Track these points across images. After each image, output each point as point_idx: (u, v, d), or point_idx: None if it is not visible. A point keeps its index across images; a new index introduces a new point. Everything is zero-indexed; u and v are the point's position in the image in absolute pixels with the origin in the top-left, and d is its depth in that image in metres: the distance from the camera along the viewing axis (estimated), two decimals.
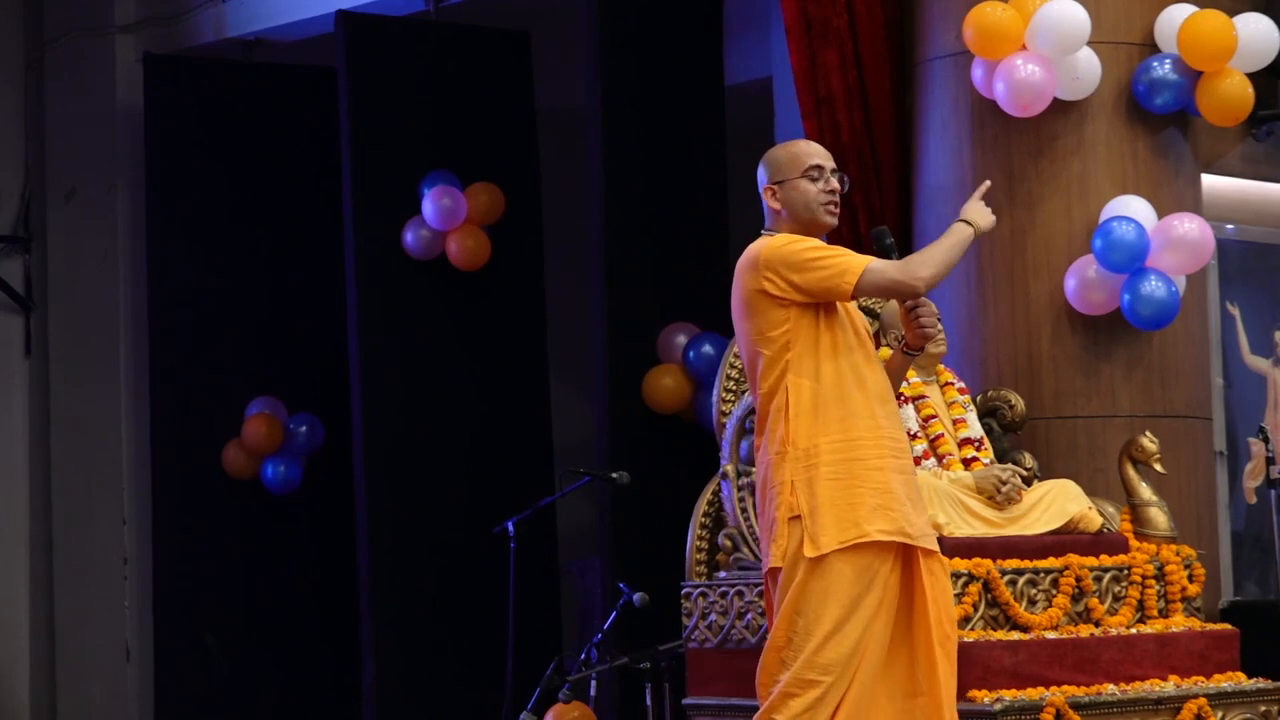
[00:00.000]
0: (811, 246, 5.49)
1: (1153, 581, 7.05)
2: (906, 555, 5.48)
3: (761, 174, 5.65)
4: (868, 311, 7.55)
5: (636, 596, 7.93)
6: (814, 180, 5.57)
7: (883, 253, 5.58)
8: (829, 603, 5.39)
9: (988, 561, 6.72)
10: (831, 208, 5.59)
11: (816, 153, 5.63)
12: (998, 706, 6.40)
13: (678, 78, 9.42)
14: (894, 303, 7.38)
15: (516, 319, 10.22)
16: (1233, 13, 7.77)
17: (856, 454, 5.45)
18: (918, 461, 6.98)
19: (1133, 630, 6.90)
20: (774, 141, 9.39)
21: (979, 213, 5.57)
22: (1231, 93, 7.68)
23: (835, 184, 5.59)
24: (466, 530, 9.74)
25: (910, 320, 5.59)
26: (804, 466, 5.45)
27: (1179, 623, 7.01)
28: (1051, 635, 6.74)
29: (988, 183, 5.68)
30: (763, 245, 5.52)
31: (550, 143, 10.37)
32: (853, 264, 5.45)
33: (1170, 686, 6.77)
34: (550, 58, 10.34)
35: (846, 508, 5.41)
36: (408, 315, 9.96)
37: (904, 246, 8.11)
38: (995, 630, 6.70)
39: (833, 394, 5.46)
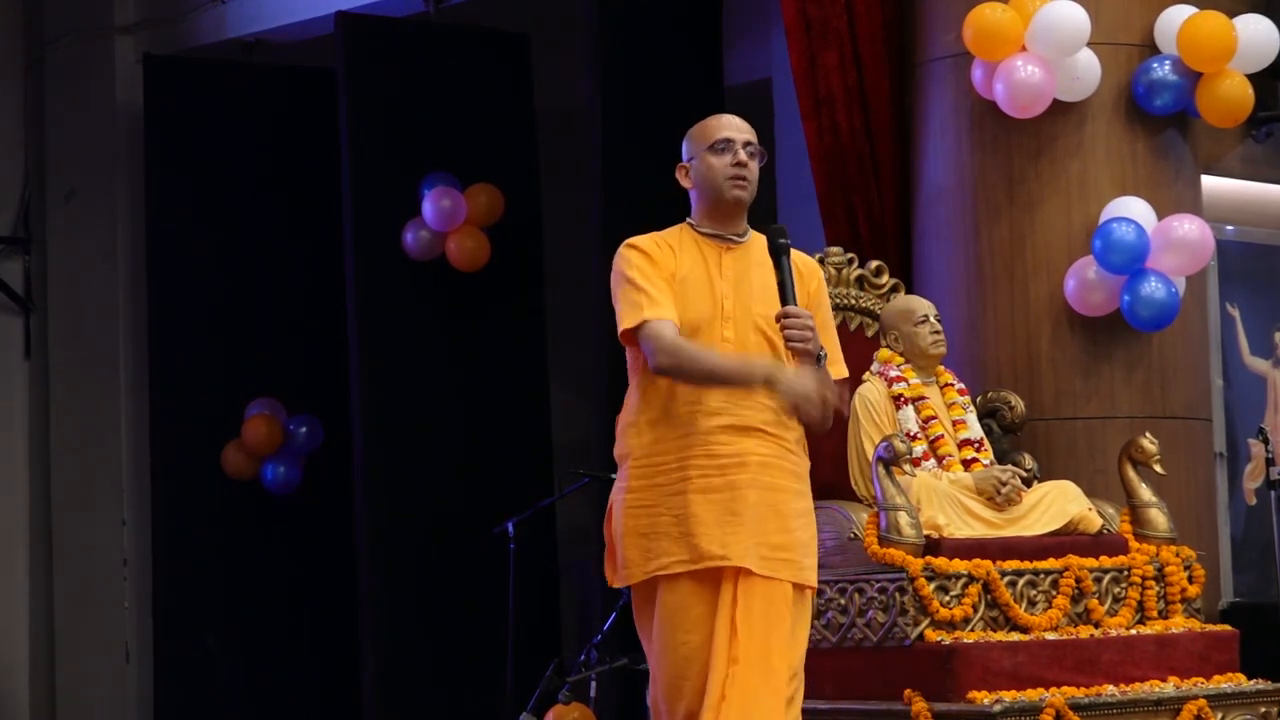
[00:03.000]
0: (636, 271, 5.18)
1: (1152, 582, 7.05)
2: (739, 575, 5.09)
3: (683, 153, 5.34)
4: (867, 312, 7.55)
5: None
6: (720, 153, 5.20)
7: (773, 251, 5.17)
8: (661, 629, 5.13)
9: (987, 563, 6.72)
10: (738, 183, 5.18)
11: (728, 126, 5.24)
12: (997, 708, 6.39)
13: (678, 78, 9.40)
14: (894, 303, 7.39)
15: (516, 320, 10.21)
16: (1233, 14, 7.76)
17: (658, 479, 5.16)
18: (917, 463, 6.98)
19: (1132, 631, 6.90)
20: (774, 142, 9.39)
21: (791, 379, 4.99)
22: (1231, 94, 7.68)
23: (744, 158, 5.19)
24: (466, 530, 9.73)
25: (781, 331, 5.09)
26: (617, 488, 5.27)
27: (1179, 624, 7.01)
28: (1051, 636, 6.74)
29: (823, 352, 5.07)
30: (622, 247, 5.26)
31: (550, 143, 10.36)
32: (644, 312, 5.12)
33: (1170, 688, 6.78)
34: (550, 59, 10.32)
35: (654, 536, 5.15)
36: (407, 316, 9.95)
37: (903, 246, 8.12)
38: (995, 631, 6.69)
39: (655, 412, 5.20)
